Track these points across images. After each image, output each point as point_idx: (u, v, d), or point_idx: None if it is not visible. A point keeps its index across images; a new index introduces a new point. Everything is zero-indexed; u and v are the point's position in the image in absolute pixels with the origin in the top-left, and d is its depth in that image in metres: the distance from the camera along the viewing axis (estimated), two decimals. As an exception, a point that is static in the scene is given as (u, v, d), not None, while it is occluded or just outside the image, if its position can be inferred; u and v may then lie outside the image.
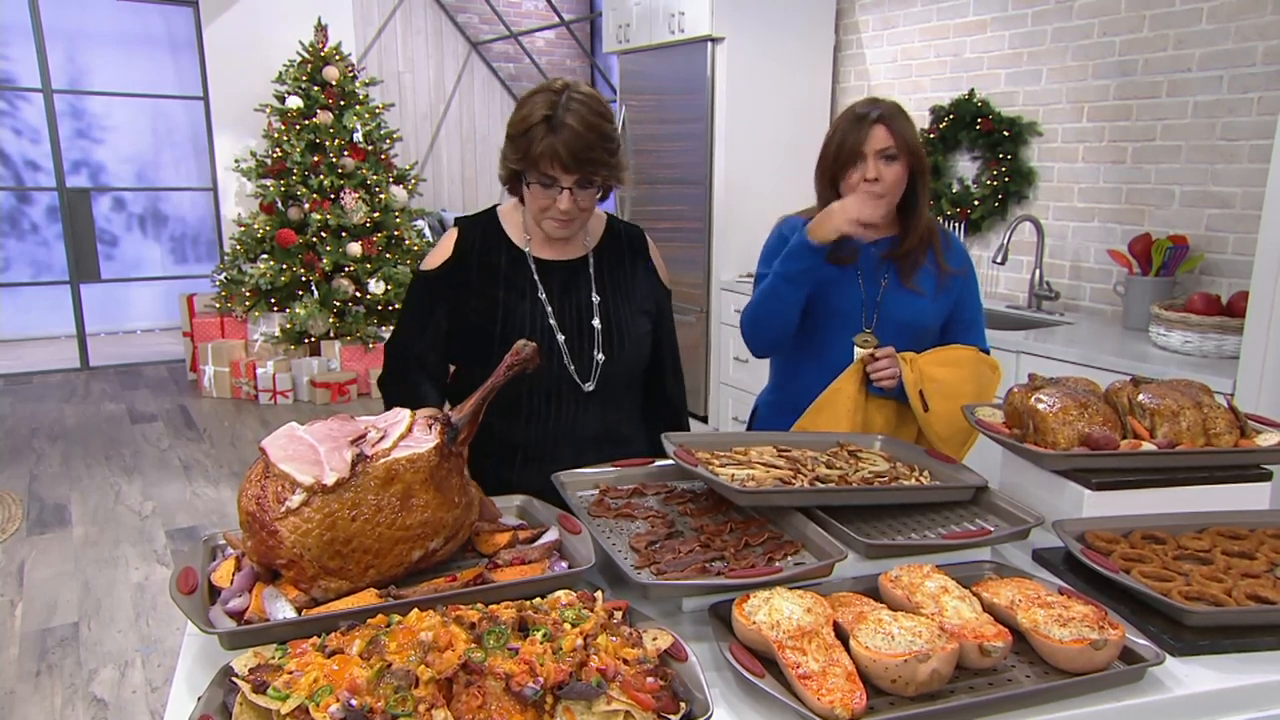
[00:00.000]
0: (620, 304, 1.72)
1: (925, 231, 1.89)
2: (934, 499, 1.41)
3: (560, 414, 1.67)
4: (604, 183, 1.61)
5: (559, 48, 7.69)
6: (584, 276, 1.71)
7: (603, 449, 1.69)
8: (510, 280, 1.67)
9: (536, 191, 1.58)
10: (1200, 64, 3.11)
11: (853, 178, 1.82)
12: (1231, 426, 1.45)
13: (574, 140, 1.50)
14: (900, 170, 1.80)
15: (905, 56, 4.26)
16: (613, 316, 1.71)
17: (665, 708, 0.88)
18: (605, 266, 1.74)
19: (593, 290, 1.70)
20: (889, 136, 1.78)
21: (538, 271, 1.68)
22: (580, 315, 1.68)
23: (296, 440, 1.15)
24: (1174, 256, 3.10)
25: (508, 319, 1.64)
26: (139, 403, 5.68)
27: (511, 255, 1.68)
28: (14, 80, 6.33)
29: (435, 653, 0.90)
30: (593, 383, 1.67)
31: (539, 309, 1.66)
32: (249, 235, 5.68)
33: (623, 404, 1.76)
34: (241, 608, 1.07)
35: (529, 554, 1.21)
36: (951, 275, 1.90)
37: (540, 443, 1.68)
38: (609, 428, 1.73)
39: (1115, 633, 1.00)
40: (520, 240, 1.70)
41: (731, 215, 4.40)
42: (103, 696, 2.66)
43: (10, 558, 3.53)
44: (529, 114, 1.54)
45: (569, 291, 1.69)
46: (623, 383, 1.74)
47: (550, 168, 1.53)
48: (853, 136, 1.80)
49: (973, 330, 1.95)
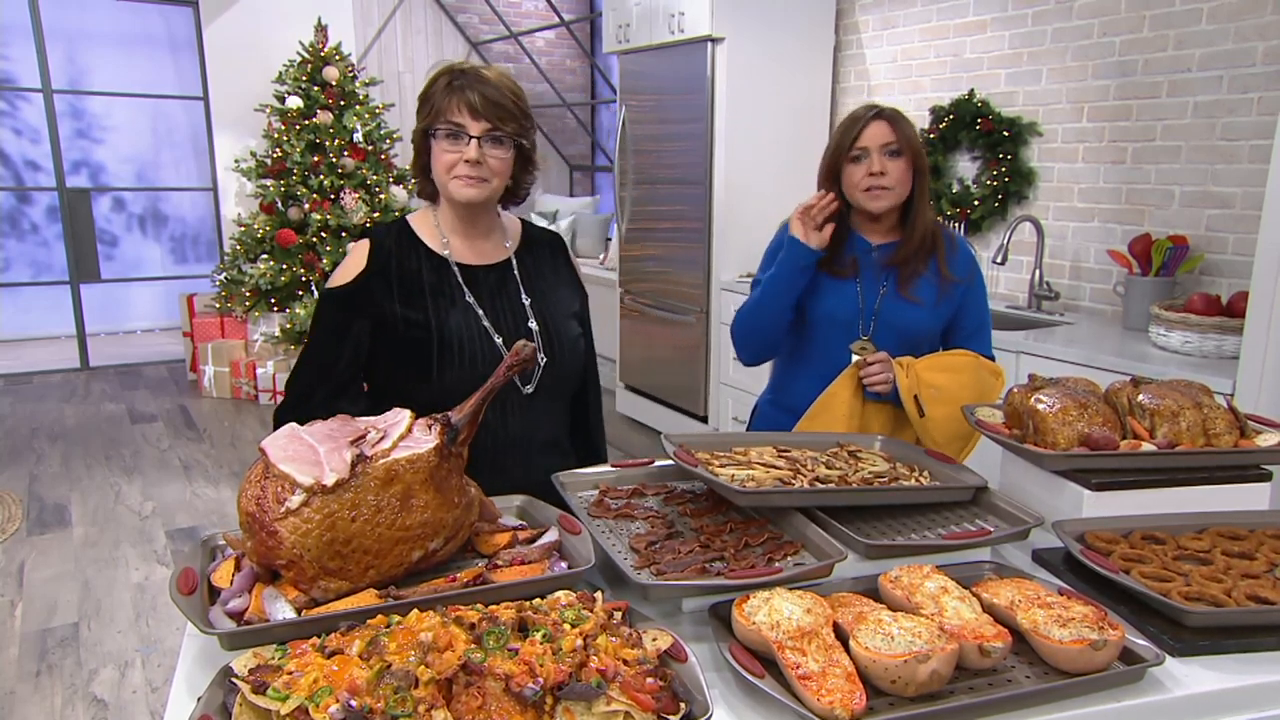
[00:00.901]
0: (551, 306, 1.69)
1: (927, 237, 1.87)
2: (934, 499, 1.41)
3: (506, 422, 1.61)
4: (514, 137, 1.56)
5: (559, 48, 7.69)
6: (510, 280, 1.67)
7: (550, 457, 1.66)
8: (435, 288, 1.60)
9: (444, 146, 1.55)
10: (1200, 64, 3.11)
11: (855, 174, 1.81)
12: (1231, 427, 1.45)
13: (481, 87, 1.52)
14: (905, 167, 1.79)
15: (905, 57, 4.26)
16: (548, 318, 1.67)
17: (665, 708, 0.88)
18: (528, 269, 1.70)
19: (521, 293, 1.67)
20: (892, 131, 1.78)
21: (462, 277, 1.63)
22: (515, 318, 1.64)
23: (296, 441, 1.15)
24: (1174, 257, 3.10)
25: (442, 327, 1.57)
26: (139, 403, 5.68)
27: (432, 263, 1.62)
28: (14, 80, 6.33)
29: (435, 653, 0.90)
30: (532, 385, 1.63)
31: (471, 315, 1.60)
32: (249, 235, 5.68)
33: (560, 414, 1.73)
34: (241, 608, 1.07)
35: (529, 554, 1.21)
36: (954, 283, 1.87)
37: (489, 450, 1.57)
38: (553, 436, 1.70)
39: (1115, 633, 1.00)
40: (438, 246, 1.64)
41: (731, 215, 4.40)
42: (103, 697, 2.66)
43: (10, 558, 3.53)
44: (435, 76, 1.56)
45: (499, 296, 1.64)
46: (561, 389, 1.70)
47: (457, 114, 1.52)
48: (854, 133, 1.80)
49: (975, 339, 1.92)
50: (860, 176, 1.80)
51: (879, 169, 1.78)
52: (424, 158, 1.61)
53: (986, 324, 1.95)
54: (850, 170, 1.82)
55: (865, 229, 1.91)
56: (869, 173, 1.79)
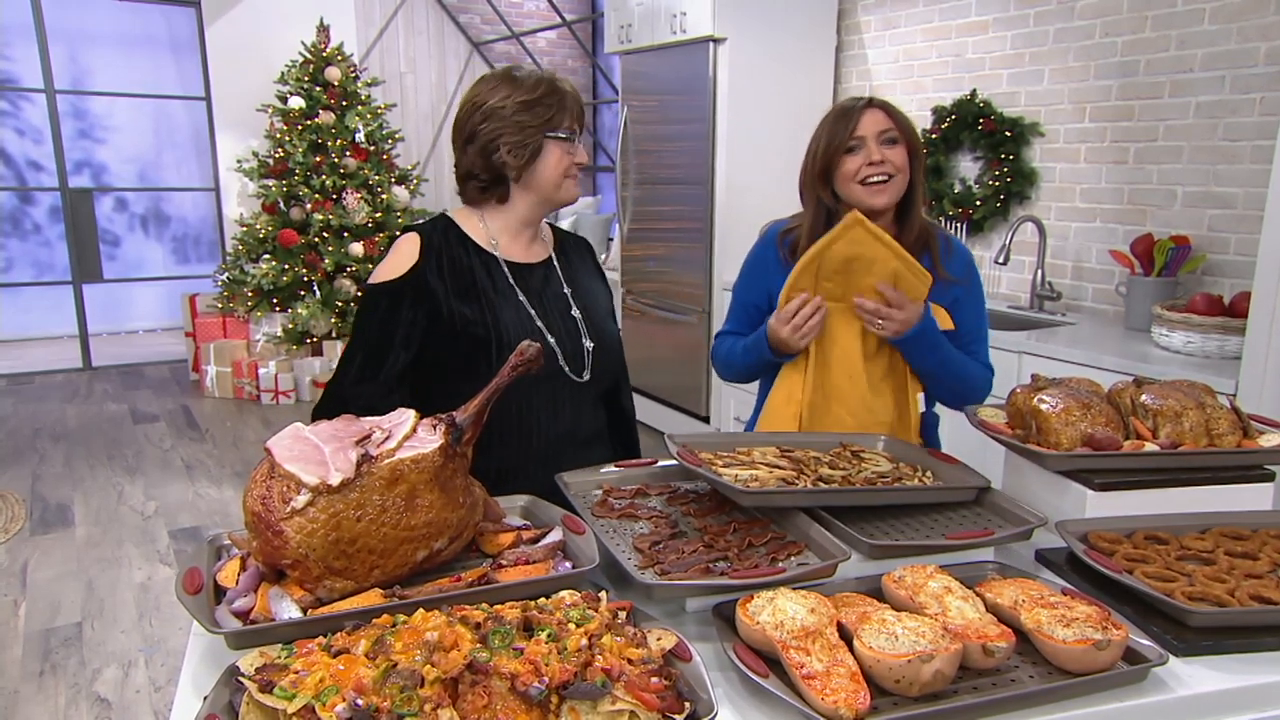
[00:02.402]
0: (591, 300, 1.73)
1: (921, 234, 1.78)
2: (937, 499, 1.41)
3: (558, 415, 1.64)
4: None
5: (560, 48, 7.69)
6: (554, 278, 1.71)
7: (597, 450, 1.68)
8: (488, 284, 1.61)
9: (559, 152, 1.60)
10: (1202, 64, 3.11)
11: (851, 165, 1.70)
12: (1234, 427, 1.45)
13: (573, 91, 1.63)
14: (904, 154, 1.70)
15: (907, 57, 4.26)
16: (589, 309, 1.71)
17: (670, 708, 0.88)
18: (567, 268, 1.74)
19: (563, 285, 1.71)
20: (888, 119, 1.70)
21: (511, 275, 1.64)
22: (561, 312, 1.67)
23: (302, 441, 1.15)
24: (1176, 257, 3.10)
25: (498, 324, 1.58)
26: (141, 403, 5.69)
27: (482, 259, 1.63)
28: (17, 81, 6.34)
29: (441, 652, 0.90)
30: (589, 371, 1.66)
31: (524, 313, 1.62)
32: (251, 235, 5.69)
33: (600, 408, 1.74)
34: (247, 608, 1.08)
35: (533, 554, 1.21)
36: (950, 284, 1.78)
37: (544, 445, 1.63)
38: (598, 429, 1.72)
39: (1118, 633, 1.00)
40: (486, 244, 1.65)
41: (732, 215, 4.40)
42: (106, 696, 2.66)
43: (14, 558, 3.54)
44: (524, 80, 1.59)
45: (545, 293, 1.67)
46: (605, 379, 1.72)
47: (570, 121, 1.61)
48: (846, 125, 1.70)
49: (971, 344, 1.81)
50: (858, 167, 1.70)
51: (878, 157, 1.68)
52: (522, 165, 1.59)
53: (982, 330, 1.85)
54: (845, 162, 1.71)
55: None
56: (868, 161, 1.68)
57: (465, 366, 1.57)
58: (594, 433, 1.72)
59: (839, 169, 1.73)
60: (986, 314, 1.88)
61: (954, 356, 1.75)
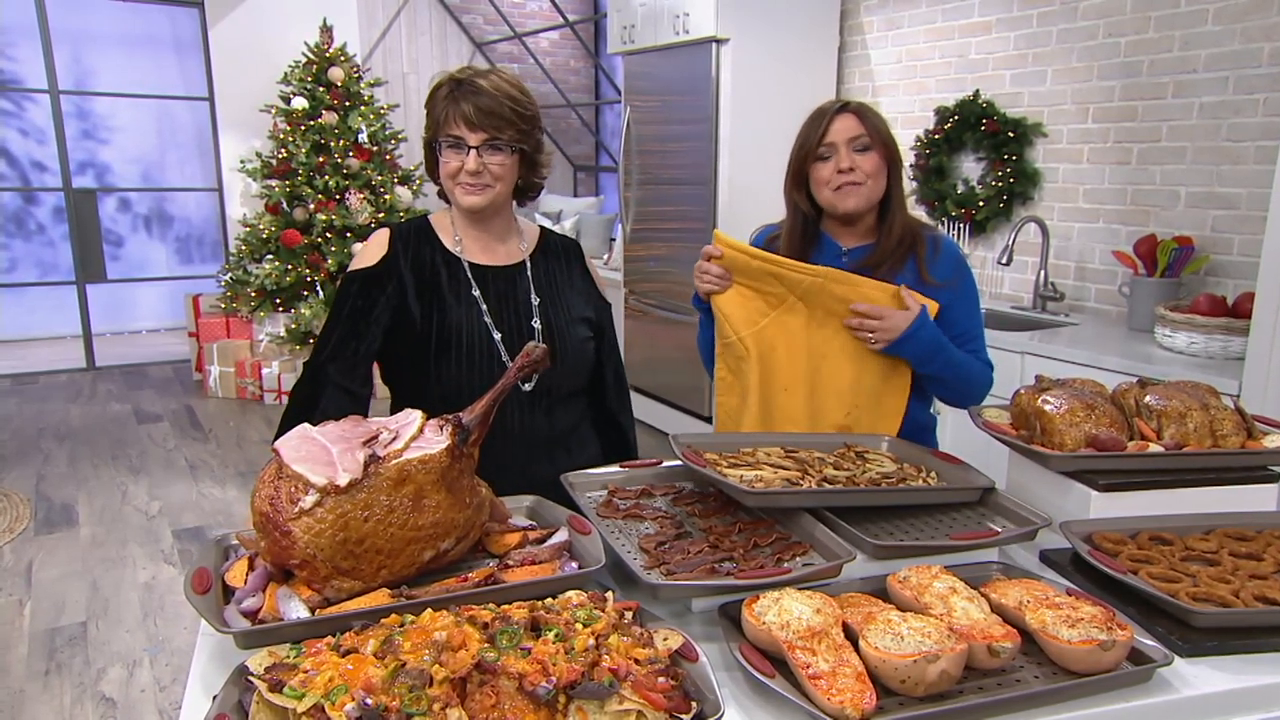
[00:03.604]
0: (560, 309, 1.72)
1: (905, 236, 1.75)
2: (941, 500, 1.41)
3: (503, 417, 1.60)
4: (514, 144, 1.59)
5: (563, 48, 7.70)
6: (522, 282, 1.70)
7: (555, 457, 1.67)
8: (445, 284, 1.65)
9: (447, 156, 1.59)
10: (1206, 65, 3.12)
11: (823, 172, 1.70)
12: (1238, 428, 1.45)
13: (478, 99, 1.55)
14: (877, 160, 1.69)
15: (910, 57, 4.26)
16: (553, 319, 1.69)
17: (677, 707, 0.89)
18: (542, 272, 1.73)
19: (531, 291, 1.70)
20: (860, 125, 1.69)
21: (473, 276, 1.67)
22: (519, 316, 1.67)
23: (309, 441, 1.16)
24: (1179, 258, 3.10)
25: (443, 324, 1.61)
26: (145, 403, 5.69)
27: (445, 258, 1.67)
28: (20, 81, 6.35)
29: (449, 652, 0.90)
30: (531, 384, 1.65)
31: (474, 310, 1.64)
32: (254, 236, 5.70)
33: (569, 412, 1.73)
34: (255, 607, 1.08)
35: (539, 554, 1.21)
36: (936, 288, 1.74)
37: (488, 445, 1.61)
38: (558, 434, 1.71)
39: (1123, 633, 1.01)
40: (452, 245, 1.68)
41: (735, 216, 4.40)
42: (111, 695, 2.67)
43: (18, 557, 3.54)
44: (435, 87, 1.60)
45: (506, 294, 1.68)
46: (565, 389, 1.71)
47: (455, 125, 1.56)
48: (819, 129, 1.70)
49: (964, 344, 1.77)
50: (829, 174, 1.69)
51: (847, 165, 1.67)
52: (433, 165, 1.66)
53: (976, 331, 1.80)
54: (818, 169, 1.72)
55: (837, 232, 1.81)
56: (837, 169, 1.68)
57: (411, 359, 1.63)
58: (549, 439, 1.69)
59: (813, 175, 1.74)
60: (981, 312, 1.86)
61: (955, 357, 1.75)
